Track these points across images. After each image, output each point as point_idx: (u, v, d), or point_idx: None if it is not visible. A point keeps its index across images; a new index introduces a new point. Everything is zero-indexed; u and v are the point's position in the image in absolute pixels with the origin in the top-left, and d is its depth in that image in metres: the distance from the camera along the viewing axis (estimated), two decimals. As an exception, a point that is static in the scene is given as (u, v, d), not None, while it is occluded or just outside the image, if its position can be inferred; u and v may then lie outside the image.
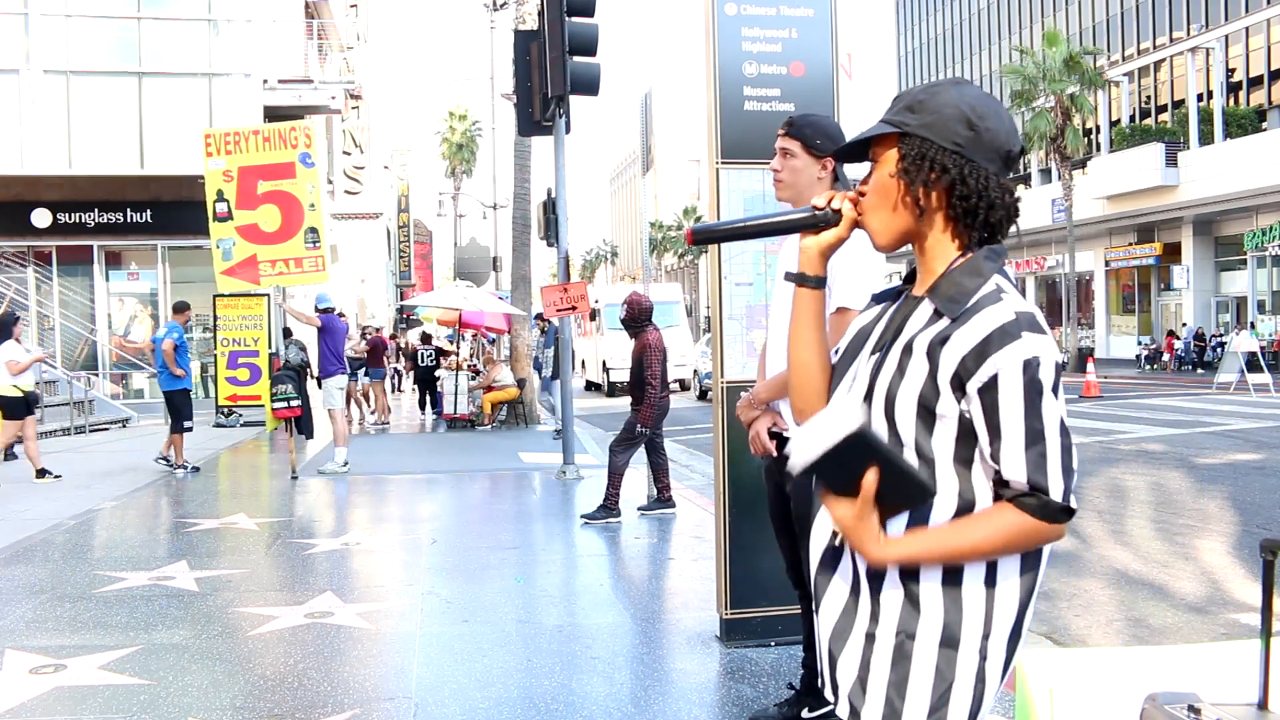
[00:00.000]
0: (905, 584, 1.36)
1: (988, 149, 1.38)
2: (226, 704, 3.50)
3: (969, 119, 1.37)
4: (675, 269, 66.88)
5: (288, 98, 19.23)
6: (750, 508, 4.00)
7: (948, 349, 1.32)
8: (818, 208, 1.48)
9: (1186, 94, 30.09)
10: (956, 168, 1.37)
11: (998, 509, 1.33)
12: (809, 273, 1.51)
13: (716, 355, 4.02)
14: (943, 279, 1.39)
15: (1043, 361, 1.30)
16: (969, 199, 1.37)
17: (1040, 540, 1.33)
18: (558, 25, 8.45)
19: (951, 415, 1.33)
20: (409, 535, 6.67)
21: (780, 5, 3.99)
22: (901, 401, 1.36)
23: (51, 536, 6.65)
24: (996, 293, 1.35)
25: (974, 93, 1.41)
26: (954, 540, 1.33)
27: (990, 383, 1.30)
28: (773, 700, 3.46)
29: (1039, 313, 1.34)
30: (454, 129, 53.78)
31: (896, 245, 1.45)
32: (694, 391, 21.81)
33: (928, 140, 1.38)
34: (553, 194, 9.67)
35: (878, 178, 1.43)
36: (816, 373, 1.52)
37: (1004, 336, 1.29)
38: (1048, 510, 1.30)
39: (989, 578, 1.36)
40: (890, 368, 1.38)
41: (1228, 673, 3.04)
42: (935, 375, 1.33)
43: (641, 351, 6.83)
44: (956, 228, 1.40)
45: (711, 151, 3.98)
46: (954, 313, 1.34)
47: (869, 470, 1.28)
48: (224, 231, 10.45)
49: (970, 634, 1.35)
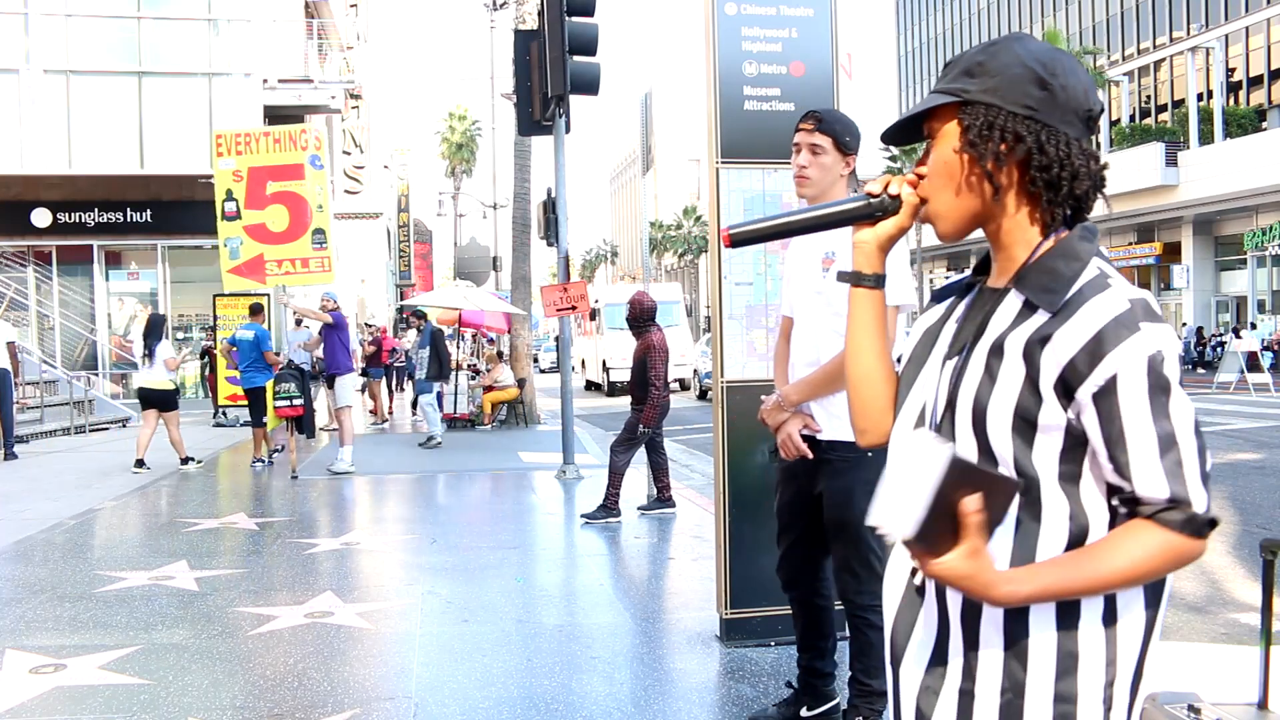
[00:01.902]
0: (1009, 629, 1.16)
1: (1065, 109, 1.18)
2: (227, 703, 3.50)
3: (1041, 77, 1.18)
4: (675, 269, 66.89)
5: (288, 97, 19.23)
6: (750, 508, 4.00)
7: (1051, 349, 1.13)
8: (873, 195, 1.30)
9: (1186, 94, 30.11)
10: (1032, 135, 1.17)
11: (1136, 528, 1.12)
12: (867, 270, 1.33)
13: (716, 355, 4.02)
14: (1031, 266, 1.19)
15: (1167, 355, 1.11)
16: (1050, 169, 1.17)
17: (1184, 560, 1.12)
18: (558, 25, 8.45)
19: (1057, 426, 1.14)
20: (409, 535, 6.67)
21: (780, 5, 3.99)
22: (995, 412, 1.16)
23: (51, 536, 6.65)
24: (1102, 278, 1.15)
25: (1041, 47, 1.21)
26: (1088, 569, 1.11)
27: (1109, 385, 1.11)
28: (772, 700, 3.46)
29: (1153, 299, 1.16)
30: (454, 129, 53.79)
31: (965, 232, 1.26)
32: (694, 391, 21.81)
33: (994, 106, 1.18)
34: (553, 194, 9.66)
35: (939, 156, 1.23)
36: (881, 384, 1.34)
37: (1120, 330, 1.10)
38: (1194, 524, 1.11)
39: (1108, 614, 1.16)
40: (975, 374, 1.19)
41: (1227, 672, 3.05)
42: (1036, 380, 1.14)
43: (645, 352, 6.82)
44: (1037, 205, 1.20)
45: (711, 151, 3.98)
46: (1053, 305, 1.15)
47: (966, 500, 1.05)
48: (232, 231, 10.49)
49: (1090, 683, 1.15)
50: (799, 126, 2.92)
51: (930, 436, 1.09)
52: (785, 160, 4.01)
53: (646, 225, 13.89)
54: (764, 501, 4.01)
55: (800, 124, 2.92)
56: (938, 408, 1.24)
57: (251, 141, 10.50)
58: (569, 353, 9.67)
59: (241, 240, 10.30)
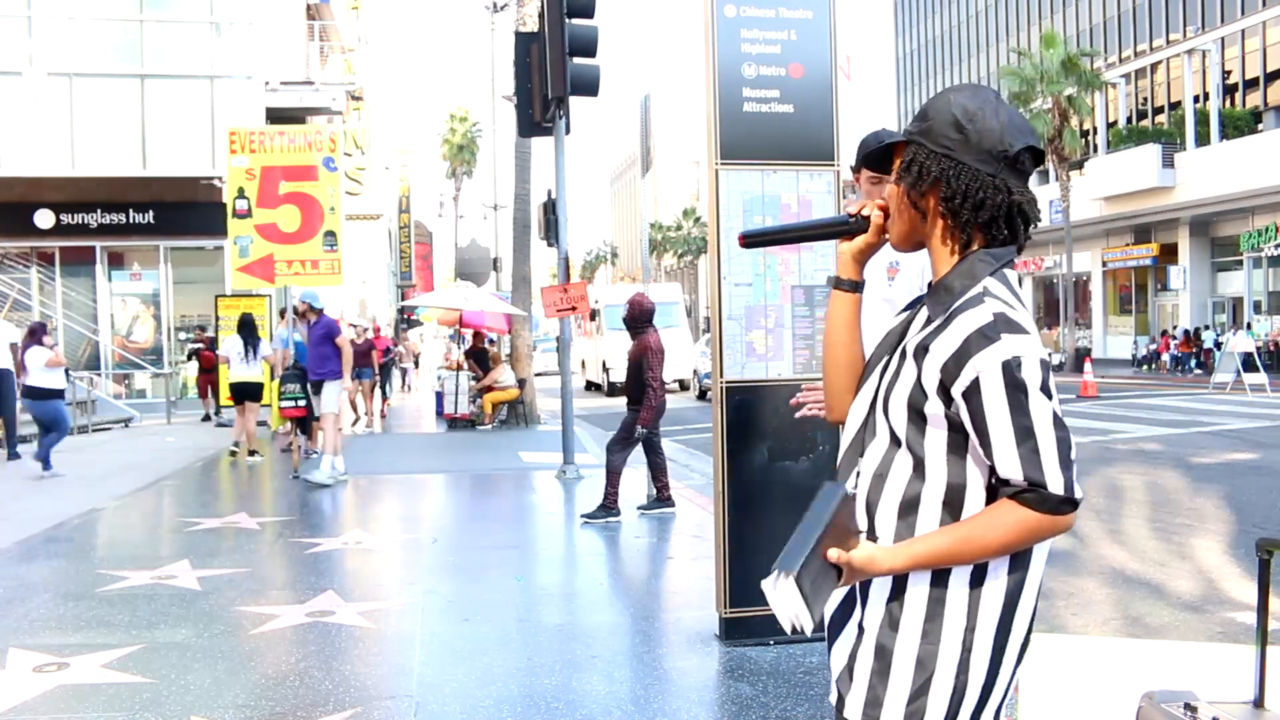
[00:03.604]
0: (893, 581, 1.41)
1: (979, 150, 1.40)
2: (228, 702, 3.53)
3: (959, 121, 1.41)
4: (675, 269, 66.92)
5: (289, 99, 19.26)
6: (750, 507, 4.02)
7: (930, 354, 1.36)
8: (851, 215, 1.56)
9: (1183, 96, 30.14)
10: (940, 170, 1.41)
11: (1000, 507, 1.34)
12: (844, 276, 1.58)
13: (716, 355, 4.05)
14: (938, 282, 1.43)
15: (1024, 361, 1.31)
16: (953, 199, 1.40)
17: (1048, 533, 1.34)
18: (558, 27, 8.47)
19: (940, 416, 1.36)
20: (410, 534, 6.69)
21: (779, 7, 4.02)
22: (894, 404, 1.40)
23: (55, 535, 6.67)
24: (980, 295, 1.37)
25: (971, 96, 1.43)
26: (960, 539, 1.34)
27: (973, 386, 1.32)
28: (773, 699, 3.49)
29: (1021, 312, 1.36)
30: (455, 130, 53.82)
31: (908, 247, 1.51)
32: (694, 391, 21.83)
33: (922, 145, 1.43)
34: (553, 195, 9.69)
35: (890, 185, 1.49)
36: (845, 372, 1.59)
37: (981, 340, 1.32)
38: (1047, 503, 1.32)
39: (975, 578, 1.38)
40: (890, 371, 1.44)
41: (1223, 671, 3.07)
42: (920, 379, 1.37)
43: (641, 353, 6.85)
44: (951, 230, 1.43)
45: (711, 153, 4.00)
46: (939, 315, 1.38)
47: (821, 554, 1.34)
48: (242, 229, 10.53)
49: (951, 628, 1.38)
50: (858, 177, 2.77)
51: (774, 578, 1.37)
52: (784, 161, 4.06)
53: (646, 226, 13.87)
54: (763, 501, 4.04)
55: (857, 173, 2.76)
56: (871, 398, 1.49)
57: (266, 140, 10.54)
58: (569, 353, 9.69)
59: (252, 239, 10.34)
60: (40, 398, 9.28)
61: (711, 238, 4.07)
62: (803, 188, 4.05)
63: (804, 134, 4.04)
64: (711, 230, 4.06)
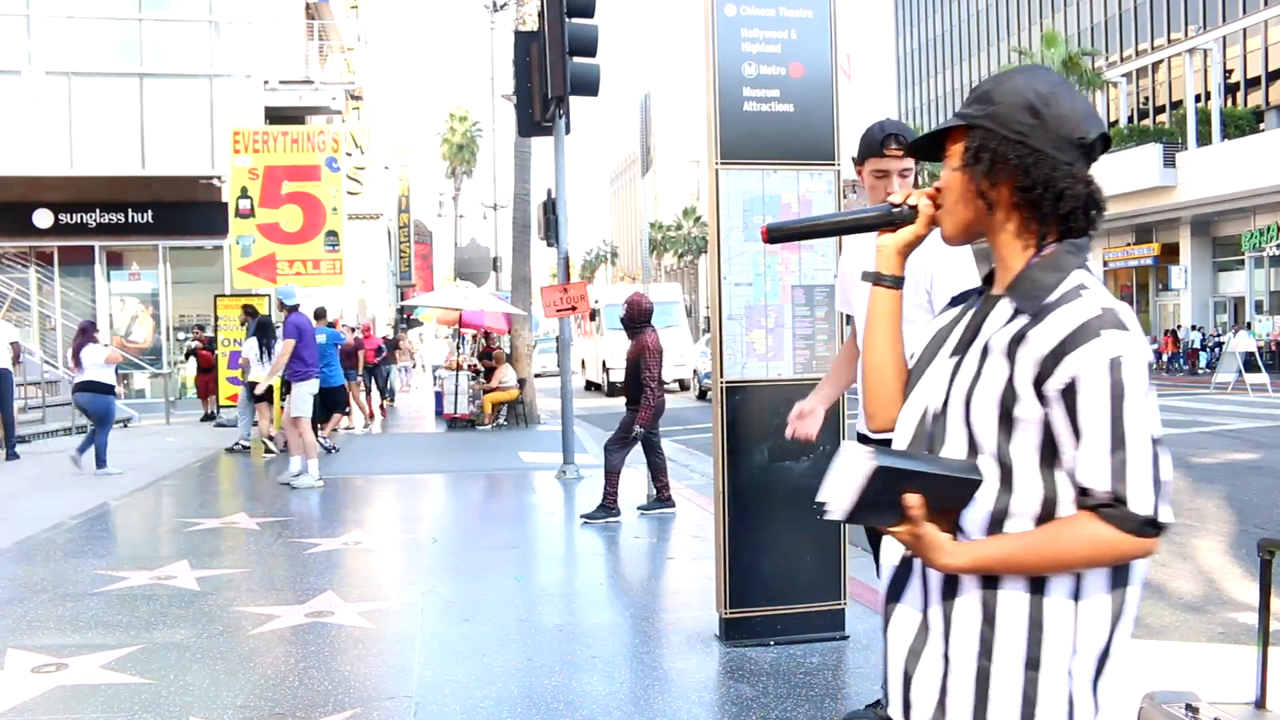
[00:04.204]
0: (984, 596, 1.27)
1: (1056, 136, 1.30)
2: (228, 703, 3.52)
3: (1034, 105, 1.30)
4: (675, 269, 66.93)
5: (289, 99, 19.25)
6: (750, 507, 4.02)
7: (1025, 348, 1.25)
8: (895, 205, 1.45)
9: (1184, 95, 30.14)
10: (1019, 158, 1.30)
11: (1078, 518, 1.24)
12: (886, 272, 1.47)
13: (716, 355, 4.04)
14: (1020, 275, 1.32)
15: (1127, 361, 1.21)
16: (1033, 190, 1.30)
17: (1124, 555, 1.22)
18: (558, 26, 8.47)
19: (1032, 419, 1.25)
20: (410, 534, 6.69)
21: (779, 6, 4.01)
22: (979, 405, 1.28)
23: (53, 536, 6.66)
24: (1078, 289, 1.27)
25: (1045, 79, 1.33)
26: (1030, 548, 1.24)
27: (1071, 385, 1.22)
28: (773, 699, 3.48)
29: (1126, 309, 1.26)
30: (454, 130, 53.84)
31: (964, 240, 1.42)
32: (694, 391, 21.83)
33: (991, 131, 1.31)
34: (553, 194, 9.68)
35: (946, 173, 1.39)
36: (892, 375, 1.47)
37: (1084, 335, 1.22)
38: (1128, 522, 1.21)
39: (1076, 591, 1.26)
40: (969, 370, 1.31)
41: (1225, 672, 3.06)
42: (1013, 377, 1.25)
43: (639, 353, 6.86)
44: (1026, 221, 1.33)
45: (711, 152, 4.00)
46: (1032, 310, 1.27)
47: (908, 496, 1.23)
48: (244, 228, 10.56)
49: (1055, 653, 1.25)
50: (886, 153, 2.82)
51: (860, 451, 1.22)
52: (784, 161, 4.05)
53: (646, 226, 13.86)
54: (763, 501, 4.03)
55: (886, 150, 2.82)
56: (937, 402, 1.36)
57: (269, 140, 10.60)
58: (569, 353, 9.68)
59: (254, 238, 10.38)
60: (95, 392, 9.49)
61: (711, 238, 4.06)
62: (803, 187, 4.05)
63: (804, 133, 4.03)
64: (711, 230, 4.05)
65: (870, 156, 2.88)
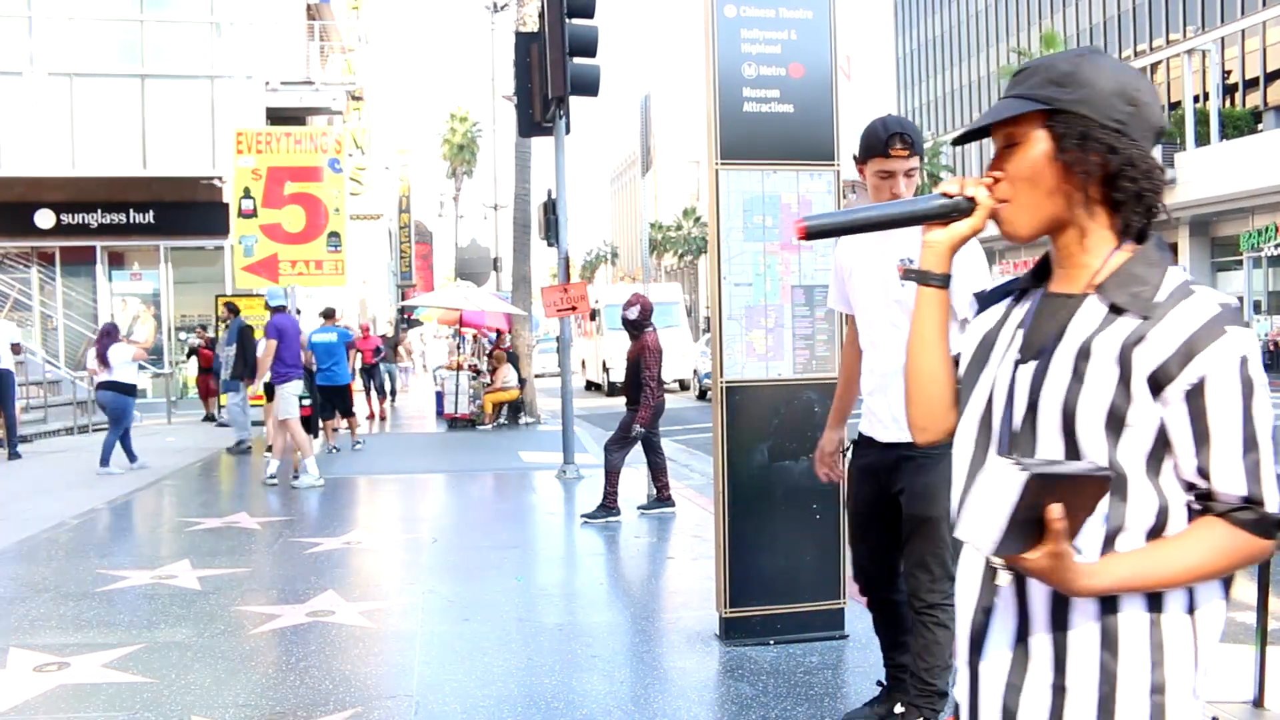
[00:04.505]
0: (1103, 620, 1.19)
1: (1146, 126, 1.23)
2: (229, 702, 3.53)
3: (1129, 94, 1.23)
4: (675, 269, 66.94)
5: (290, 99, 19.26)
6: (750, 507, 4.03)
7: (1144, 350, 1.17)
8: (950, 195, 1.32)
9: (1183, 96, 30.13)
10: (1121, 148, 1.21)
11: (1207, 525, 1.17)
12: (936, 270, 1.35)
13: (716, 355, 4.05)
14: (1117, 273, 1.23)
15: (1251, 358, 1.16)
16: (1138, 182, 1.22)
17: (1254, 558, 1.17)
18: (558, 27, 8.48)
19: (1145, 424, 1.17)
20: (410, 534, 6.70)
21: (779, 7, 4.02)
22: (1086, 412, 1.19)
23: (55, 535, 6.67)
24: (1185, 286, 1.20)
25: (1120, 64, 1.27)
26: (1162, 562, 1.16)
27: (1198, 386, 1.15)
28: (773, 699, 3.49)
29: (1237, 304, 1.21)
30: (455, 130, 53.87)
31: (1038, 236, 1.29)
32: (694, 391, 21.84)
33: (1087, 118, 1.21)
34: (553, 195, 9.69)
35: (1026, 160, 1.25)
36: (944, 383, 1.37)
37: (1210, 333, 1.15)
38: (1264, 525, 1.16)
39: (1190, 604, 1.19)
40: (1062, 376, 1.21)
41: (1223, 671, 3.07)
42: (1129, 380, 1.17)
43: (639, 353, 6.90)
44: (1114, 215, 1.25)
45: (711, 153, 4.01)
46: (1145, 309, 1.19)
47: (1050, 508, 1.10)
48: (247, 229, 10.60)
49: (1179, 673, 1.18)
50: (891, 153, 2.78)
51: (1009, 464, 1.09)
52: (784, 161, 4.06)
53: (646, 226, 13.88)
54: (763, 500, 4.04)
55: (892, 150, 2.78)
56: (1014, 411, 1.25)
57: (272, 141, 10.64)
58: (569, 353, 9.70)
59: (256, 239, 10.41)
60: (117, 392, 9.64)
61: (711, 238, 4.07)
62: (803, 188, 4.06)
63: (804, 134, 4.04)
64: (711, 230, 4.06)
65: (874, 156, 2.83)
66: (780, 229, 4.04)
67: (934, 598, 2.82)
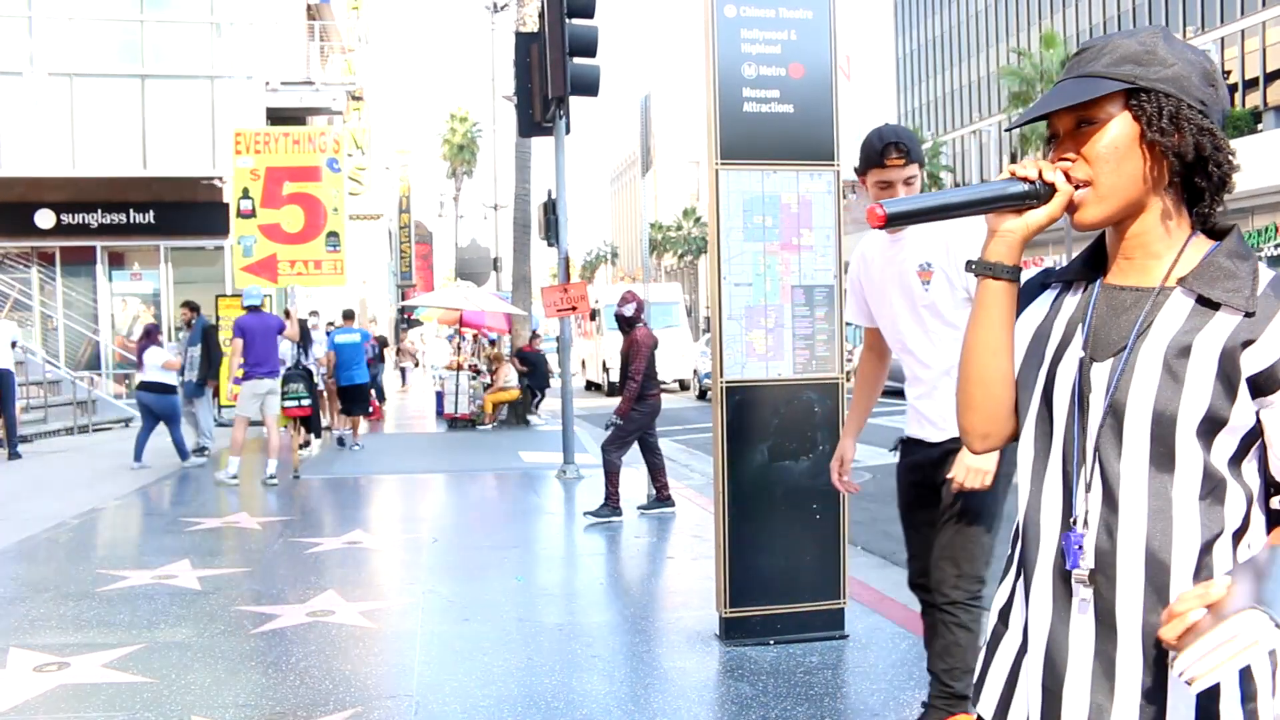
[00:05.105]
0: None
1: (1219, 110, 1.19)
2: (229, 701, 3.53)
3: (1209, 73, 1.17)
4: (675, 269, 66.95)
5: (290, 99, 19.26)
6: (750, 507, 4.03)
7: (1255, 351, 1.11)
8: (1028, 179, 1.19)
9: (1185, 95, 30.15)
10: (1209, 130, 1.15)
11: None
12: (1007, 261, 1.24)
13: (716, 355, 4.05)
14: (1205, 265, 1.16)
15: None
16: (1222, 166, 1.16)
17: None
18: (558, 27, 8.48)
19: (1241, 425, 1.13)
20: (410, 534, 6.70)
21: (779, 7, 4.02)
22: (1186, 415, 1.12)
23: (55, 535, 6.67)
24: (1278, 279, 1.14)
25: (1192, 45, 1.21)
26: None
27: None
28: (773, 699, 3.49)
29: None
30: (455, 130, 53.88)
31: (1112, 223, 1.21)
32: (694, 391, 21.84)
33: (1174, 97, 1.15)
34: (553, 195, 9.70)
35: (1110, 142, 1.16)
36: (1006, 386, 1.27)
37: None
38: None
39: None
40: (1150, 376, 1.14)
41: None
42: (1234, 382, 1.11)
43: (629, 347, 6.98)
44: (1193, 202, 1.19)
45: (711, 153, 4.01)
46: (1247, 305, 1.12)
47: None
48: (246, 229, 10.60)
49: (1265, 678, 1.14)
50: (887, 163, 2.76)
51: (1267, 622, 0.98)
52: (784, 161, 4.06)
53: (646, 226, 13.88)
54: (763, 500, 4.04)
55: (887, 160, 2.76)
56: (1088, 414, 1.18)
57: (271, 141, 10.64)
58: (569, 353, 9.70)
59: (255, 239, 10.42)
60: (157, 392, 9.82)
61: (711, 238, 4.07)
62: (803, 188, 4.06)
63: (804, 134, 4.04)
64: (711, 230, 4.06)
65: (871, 167, 2.82)
66: (780, 229, 4.04)
67: (957, 594, 2.77)
